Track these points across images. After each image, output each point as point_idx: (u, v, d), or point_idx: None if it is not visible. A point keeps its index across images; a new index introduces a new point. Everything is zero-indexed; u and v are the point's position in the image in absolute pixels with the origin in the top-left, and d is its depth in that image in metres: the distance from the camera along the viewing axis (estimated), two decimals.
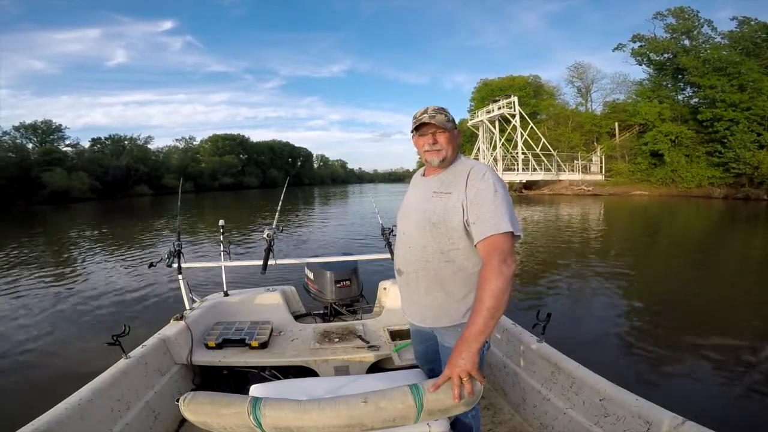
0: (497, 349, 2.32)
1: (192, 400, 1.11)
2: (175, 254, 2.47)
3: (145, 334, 2.22)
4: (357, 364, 2.30)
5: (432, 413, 1.13)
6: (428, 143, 1.37)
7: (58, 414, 1.44)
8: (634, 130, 30.89)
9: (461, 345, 1.15)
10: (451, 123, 1.38)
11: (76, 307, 5.33)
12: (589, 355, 2.43)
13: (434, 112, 1.36)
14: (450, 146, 1.37)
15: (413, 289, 1.41)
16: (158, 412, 1.92)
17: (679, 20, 29.12)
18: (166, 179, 48.81)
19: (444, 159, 1.37)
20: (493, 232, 1.20)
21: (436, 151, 1.37)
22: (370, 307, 3.13)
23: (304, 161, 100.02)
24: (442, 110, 1.37)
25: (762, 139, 24.05)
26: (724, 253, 9.12)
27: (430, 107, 1.38)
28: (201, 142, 68.54)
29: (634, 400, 1.48)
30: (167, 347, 2.20)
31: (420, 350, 1.62)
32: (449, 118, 1.38)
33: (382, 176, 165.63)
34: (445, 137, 1.36)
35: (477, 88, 43.00)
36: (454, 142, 1.39)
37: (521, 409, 2.04)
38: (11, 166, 32.94)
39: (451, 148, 1.38)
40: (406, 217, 1.46)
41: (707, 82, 26.20)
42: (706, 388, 3.14)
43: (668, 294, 5.75)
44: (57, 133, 44.73)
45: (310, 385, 1.51)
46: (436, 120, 1.34)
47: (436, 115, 1.35)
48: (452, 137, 1.38)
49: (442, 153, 1.37)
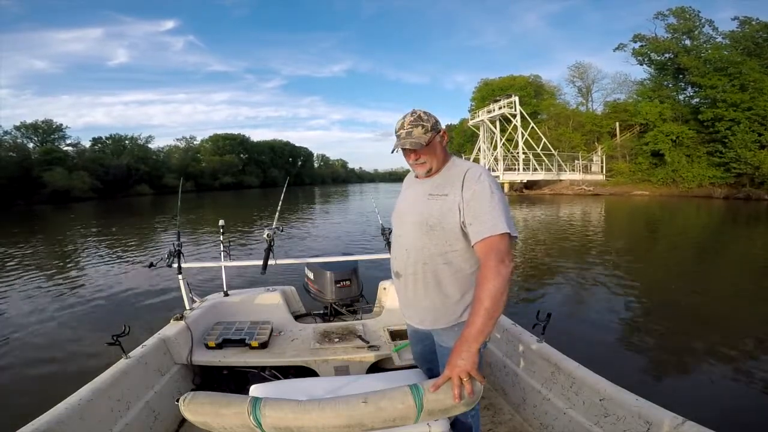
0: (497, 349, 2.32)
1: (192, 400, 1.11)
2: (175, 254, 2.47)
3: (145, 334, 2.22)
4: (357, 364, 2.30)
5: (432, 413, 1.13)
6: (412, 159, 1.38)
7: (58, 414, 1.44)
8: (635, 130, 30.85)
9: (460, 345, 1.15)
10: (431, 132, 1.32)
11: (76, 307, 5.33)
12: (589, 355, 2.43)
13: (411, 126, 1.32)
14: (433, 157, 1.36)
15: (411, 292, 1.41)
16: (158, 412, 1.92)
17: (680, 20, 29.07)
18: (166, 179, 48.89)
19: (430, 170, 1.38)
20: (490, 233, 1.21)
21: (420, 164, 1.38)
22: (370, 307, 3.13)
23: (304, 161, 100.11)
24: (418, 120, 1.32)
25: (763, 139, 23.98)
26: (725, 253, 9.11)
27: (407, 118, 1.34)
28: (202, 142, 68.80)
29: (634, 400, 1.48)
30: (167, 347, 2.20)
31: (418, 350, 1.63)
32: (427, 128, 1.32)
33: (382, 176, 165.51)
34: (425, 153, 1.35)
35: (478, 87, 42.96)
36: (438, 150, 1.36)
37: (521, 409, 2.04)
38: (12, 165, 33.02)
39: (436, 157, 1.36)
40: (402, 220, 1.45)
41: (708, 82, 26.14)
42: (706, 388, 3.14)
43: (669, 294, 5.74)
44: (58, 133, 44.85)
45: (310, 385, 1.51)
46: (412, 141, 1.31)
47: (412, 130, 1.32)
48: (433, 147, 1.35)
49: (426, 166, 1.37)
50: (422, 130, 1.32)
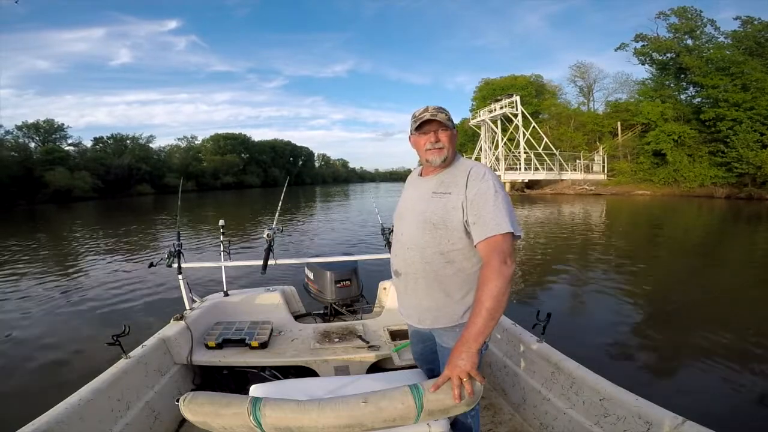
0: (497, 349, 2.31)
1: (192, 400, 1.12)
2: (175, 254, 2.47)
3: (145, 334, 2.22)
4: (357, 364, 2.30)
5: (432, 413, 1.13)
6: (430, 141, 1.36)
7: (58, 414, 1.44)
8: (637, 129, 30.80)
9: (460, 346, 1.15)
10: (452, 122, 1.38)
11: (76, 307, 5.34)
12: (589, 355, 2.43)
13: (435, 111, 1.35)
14: (451, 145, 1.37)
15: (412, 291, 1.40)
16: (158, 412, 1.93)
17: (681, 20, 29.01)
18: (168, 178, 48.92)
19: (446, 158, 1.37)
20: (494, 232, 1.21)
21: (438, 149, 1.36)
22: (370, 307, 3.13)
23: (305, 161, 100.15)
24: (443, 110, 1.37)
25: (765, 138, 23.93)
26: (726, 252, 9.08)
27: (430, 107, 1.37)
28: (203, 142, 68.88)
29: (634, 400, 1.48)
30: (167, 347, 2.20)
31: (418, 350, 1.62)
32: (449, 118, 1.38)
33: (383, 175, 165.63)
34: (446, 135, 1.36)
35: (479, 87, 42.97)
36: (454, 142, 1.39)
37: (521, 409, 2.04)
38: (14, 165, 33.08)
39: (452, 147, 1.38)
40: (404, 218, 1.45)
41: (710, 81, 26.09)
42: (706, 388, 3.13)
43: (669, 294, 5.73)
44: (59, 133, 44.87)
45: (310, 385, 1.51)
46: (442, 116, 1.34)
47: (438, 114, 1.35)
48: (453, 136, 1.38)
49: (444, 152, 1.36)
50: (446, 117, 1.36)
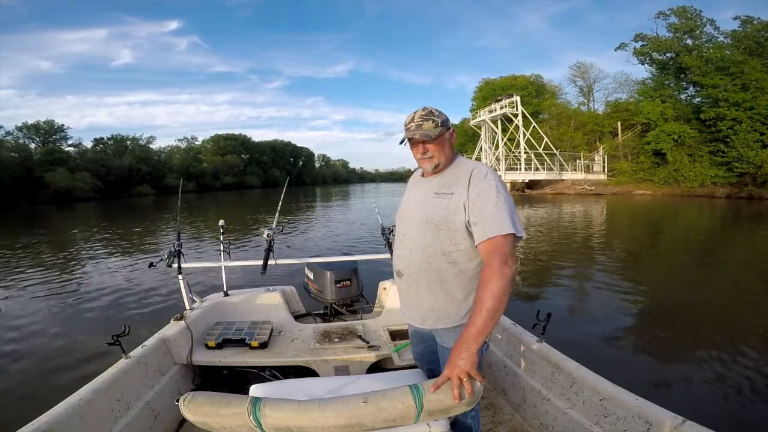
0: (497, 349, 2.31)
1: (192, 400, 1.11)
2: (175, 254, 2.47)
3: (145, 334, 2.22)
4: (357, 364, 2.30)
5: (432, 413, 1.13)
6: (420, 152, 1.37)
7: (58, 414, 1.44)
8: (637, 129, 30.80)
9: (460, 345, 1.15)
10: (441, 127, 1.33)
11: (76, 307, 5.34)
12: (589, 355, 2.43)
13: (421, 120, 1.33)
14: (441, 152, 1.36)
15: (414, 291, 1.40)
16: (158, 412, 1.92)
17: (681, 19, 29.02)
18: (168, 179, 48.99)
19: (437, 165, 1.37)
20: (495, 233, 1.20)
21: (428, 159, 1.37)
22: (370, 307, 3.13)
23: (305, 161, 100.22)
24: (429, 115, 1.34)
25: (765, 138, 23.94)
26: (726, 252, 9.08)
27: (417, 113, 1.36)
28: (203, 142, 68.96)
29: (634, 400, 1.47)
30: (167, 347, 2.20)
31: (418, 351, 1.62)
32: (438, 122, 1.33)
33: (383, 176, 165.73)
34: (433, 146, 1.35)
35: (479, 87, 42.98)
36: (446, 146, 1.37)
37: (521, 409, 2.04)
38: (14, 165, 33.13)
39: (444, 153, 1.36)
40: (406, 219, 1.44)
41: (710, 81, 26.10)
42: (706, 388, 3.13)
43: (669, 294, 5.72)
44: (59, 133, 44.96)
45: (310, 385, 1.51)
46: (422, 132, 1.32)
47: (423, 123, 1.33)
48: (442, 142, 1.36)
49: (434, 161, 1.36)
50: (432, 124, 1.33)
